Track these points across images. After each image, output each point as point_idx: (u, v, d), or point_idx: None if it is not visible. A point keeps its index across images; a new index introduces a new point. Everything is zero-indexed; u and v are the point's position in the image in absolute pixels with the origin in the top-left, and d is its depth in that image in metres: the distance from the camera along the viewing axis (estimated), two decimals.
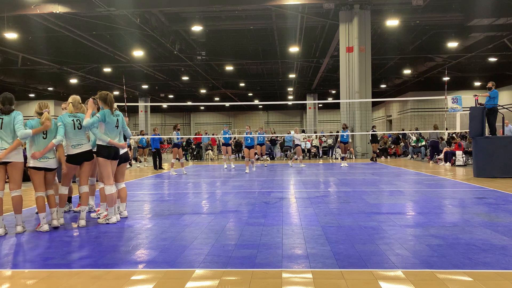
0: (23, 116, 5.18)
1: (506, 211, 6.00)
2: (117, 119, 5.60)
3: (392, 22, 18.85)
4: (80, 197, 5.73)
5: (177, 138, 13.25)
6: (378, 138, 19.53)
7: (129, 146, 14.62)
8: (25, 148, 5.71)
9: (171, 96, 43.89)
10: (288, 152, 22.19)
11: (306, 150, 21.95)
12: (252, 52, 27.59)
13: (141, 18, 18.74)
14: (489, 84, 11.24)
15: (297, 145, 15.69)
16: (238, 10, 18.84)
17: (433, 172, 12.69)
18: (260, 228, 5.13)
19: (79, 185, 5.75)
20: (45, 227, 5.16)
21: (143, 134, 20.80)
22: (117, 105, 14.12)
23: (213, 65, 30.18)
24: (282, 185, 9.82)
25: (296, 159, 15.90)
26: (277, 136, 24.20)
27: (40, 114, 5.24)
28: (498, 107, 11.40)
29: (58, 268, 3.69)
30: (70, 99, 5.73)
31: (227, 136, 14.72)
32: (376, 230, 4.91)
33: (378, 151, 18.82)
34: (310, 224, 5.31)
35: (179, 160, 13.63)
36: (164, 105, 44.95)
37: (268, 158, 21.19)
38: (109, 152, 5.44)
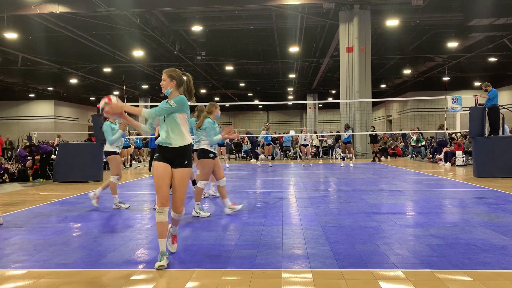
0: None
1: (506, 211, 5.99)
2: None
3: (392, 22, 18.85)
4: None
5: None
6: (378, 138, 19.58)
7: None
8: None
9: None
10: (288, 152, 22.17)
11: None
12: (252, 52, 27.58)
13: (141, 18, 18.74)
14: (484, 87, 11.45)
15: (305, 145, 15.72)
16: (238, 10, 18.83)
17: (433, 172, 12.69)
18: (260, 228, 5.13)
19: None
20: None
21: (138, 135, 20.81)
22: None
23: (213, 65, 30.17)
24: (282, 185, 9.82)
25: (307, 158, 16.04)
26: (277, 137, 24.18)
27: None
28: (499, 107, 11.42)
29: (58, 268, 3.69)
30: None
31: None
32: (376, 230, 4.91)
33: (378, 151, 18.86)
34: (310, 224, 5.31)
35: None
36: None
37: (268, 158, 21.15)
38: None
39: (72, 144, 16.98)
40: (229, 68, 30.11)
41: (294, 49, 24.32)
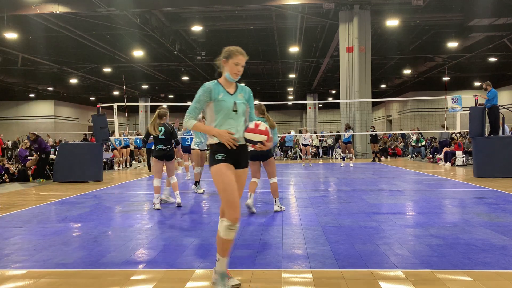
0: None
1: (506, 211, 5.99)
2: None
3: (392, 22, 18.84)
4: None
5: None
6: (378, 138, 19.59)
7: None
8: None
9: (171, 96, 43.87)
10: (288, 152, 22.17)
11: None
12: (252, 52, 27.53)
13: (141, 18, 18.74)
14: (484, 85, 11.45)
15: (306, 145, 15.89)
16: (238, 10, 18.83)
17: (433, 172, 12.69)
18: (260, 228, 5.13)
19: None
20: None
21: (138, 135, 20.83)
22: (117, 105, 14.00)
23: (213, 65, 30.13)
24: (282, 185, 9.81)
25: (306, 158, 16.13)
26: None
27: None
28: (499, 107, 11.43)
29: (58, 268, 3.69)
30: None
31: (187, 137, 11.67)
32: (376, 230, 4.90)
33: (378, 151, 18.89)
34: (310, 224, 5.31)
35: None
36: (164, 105, 44.86)
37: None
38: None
39: (72, 144, 16.97)
40: None
41: (294, 49, 24.32)
